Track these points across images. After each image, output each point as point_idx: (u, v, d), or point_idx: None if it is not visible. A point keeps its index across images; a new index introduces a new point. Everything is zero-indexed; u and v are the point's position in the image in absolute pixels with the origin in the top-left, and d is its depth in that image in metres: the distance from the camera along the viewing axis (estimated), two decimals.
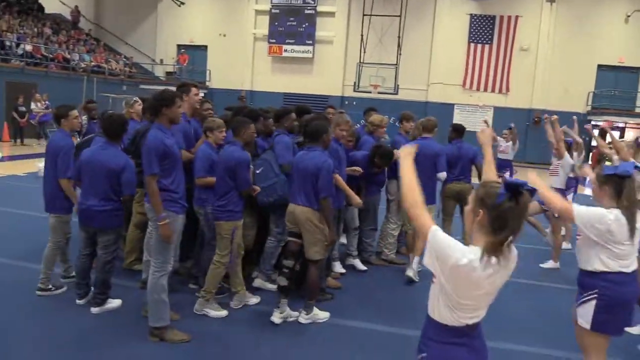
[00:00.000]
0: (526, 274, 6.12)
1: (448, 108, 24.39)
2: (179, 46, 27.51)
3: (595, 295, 3.01)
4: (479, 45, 24.22)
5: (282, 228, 5.00)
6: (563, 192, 6.79)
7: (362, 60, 23.36)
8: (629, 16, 22.77)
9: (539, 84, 23.84)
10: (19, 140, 17.25)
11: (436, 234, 2.01)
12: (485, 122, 6.40)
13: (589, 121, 23.29)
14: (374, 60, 23.42)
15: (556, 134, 6.94)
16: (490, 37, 24.09)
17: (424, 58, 24.39)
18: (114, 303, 4.59)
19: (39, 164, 11.27)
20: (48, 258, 4.79)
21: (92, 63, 22.97)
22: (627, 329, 3.48)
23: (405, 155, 2.27)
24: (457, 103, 24.60)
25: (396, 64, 22.97)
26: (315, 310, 4.57)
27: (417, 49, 24.13)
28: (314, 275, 4.49)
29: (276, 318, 4.49)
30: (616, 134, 23.70)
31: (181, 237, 4.44)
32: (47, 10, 26.18)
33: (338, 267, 5.88)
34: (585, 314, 3.04)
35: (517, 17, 23.69)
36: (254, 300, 4.89)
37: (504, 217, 1.96)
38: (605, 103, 23.31)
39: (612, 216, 2.96)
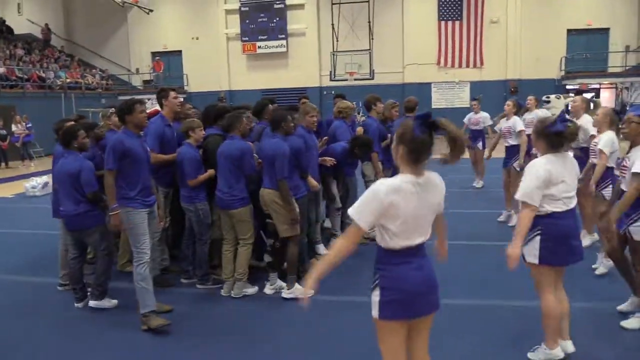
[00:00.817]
0: (486, 236, 6.75)
1: (425, 87, 24.68)
2: (153, 53, 27.55)
3: (539, 232, 3.36)
4: (449, 23, 24.47)
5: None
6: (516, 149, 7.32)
7: (335, 49, 23.59)
8: None
9: (512, 54, 24.16)
10: (3, 164, 17.32)
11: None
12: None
13: (564, 85, 23.81)
14: (348, 47, 23.66)
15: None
16: (459, 13, 24.34)
17: (396, 41, 24.62)
18: (111, 303, 4.83)
19: (27, 184, 11.46)
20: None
21: (68, 79, 23.00)
22: (622, 323, 4.05)
23: None
24: (433, 82, 24.89)
25: (370, 50, 23.22)
26: (297, 286, 4.85)
27: (389, 33, 24.36)
28: (290, 251, 4.88)
29: (268, 290, 5.01)
30: (591, 95, 24.21)
31: (161, 232, 4.84)
32: (16, 32, 26.08)
33: (322, 250, 6.15)
34: (532, 250, 3.38)
35: None
36: (251, 290, 5.11)
37: (422, 148, 2.38)
38: (578, 67, 23.68)
39: (544, 160, 3.33)
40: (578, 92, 24.15)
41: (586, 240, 5.83)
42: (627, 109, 20.83)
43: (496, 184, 8.81)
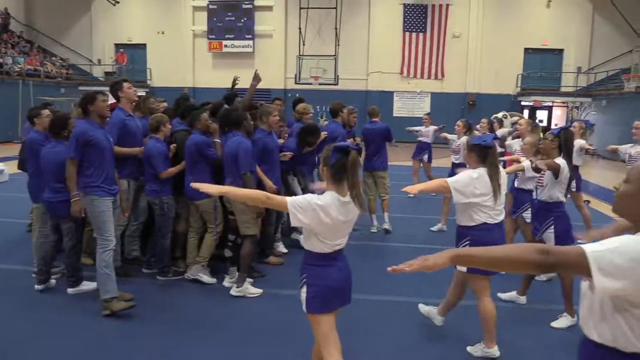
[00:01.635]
0: (419, 239, 7.26)
1: (387, 95, 25.27)
2: (117, 45, 27.15)
3: (468, 242, 3.69)
4: (414, 34, 25.14)
5: None
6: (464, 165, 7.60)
7: (301, 53, 23.84)
8: (550, 1, 24.19)
9: (472, 68, 25.01)
10: None
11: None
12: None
13: (520, 101, 24.76)
14: (314, 52, 23.95)
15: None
16: (423, 25, 25.04)
17: (361, 48, 25.11)
18: (90, 285, 4.94)
19: None
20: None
21: (27, 66, 22.44)
22: (552, 323, 4.42)
23: None
24: (395, 90, 25.49)
25: (335, 55, 23.58)
26: (247, 285, 5.02)
27: (355, 40, 24.83)
28: (246, 249, 4.99)
29: (227, 282, 5.18)
30: (544, 112, 25.28)
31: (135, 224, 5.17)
32: None
33: (281, 247, 6.38)
34: None
35: (447, 5, 24.72)
36: (207, 278, 5.28)
37: (339, 171, 2.76)
38: (533, 84, 24.71)
39: (476, 174, 3.65)
40: (532, 108, 25.27)
41: None
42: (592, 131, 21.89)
43: None
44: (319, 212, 2.70)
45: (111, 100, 5.28)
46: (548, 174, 4.44)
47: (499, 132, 8.48)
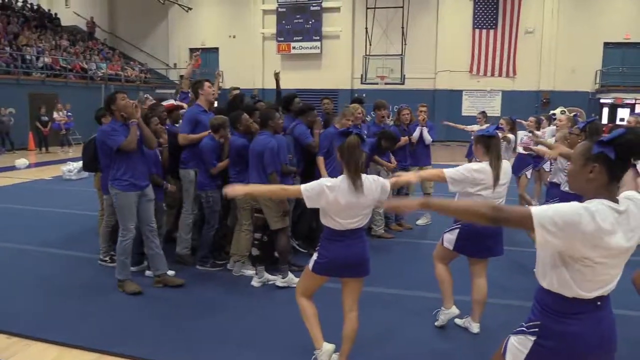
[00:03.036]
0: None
1: (456, 95, 24.77)
2: (191, 49, 28.33)
3: (459, 227, 3.97)
4: (484, 31, 24.47)
5: None
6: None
7: (368, 53, 23.84)
8: None
9: (546, 65, 24.00)
10: (43, 149, 18.22)
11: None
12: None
13: (598, 99, 23.51)
14: (380, 52, 23.89)
15: None
16: (494, 21, 24.32)
17: (429, 47, 24.75)
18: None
19: (64, 168, 12.14)
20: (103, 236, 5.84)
21: (109, 71, 23.93)
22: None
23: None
24: (465, 89, 24.92)
25: (402, 55, 23.39)
26: (290, 275, 5.16)
27: (422, 38, 24.50)
28: (282, 242, 5.15)
29: (255, 282, 5.25)
30: (626, 110, 23.88)
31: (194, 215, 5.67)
32: (63, 23, 27.25)
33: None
34: (450, 239, 4.03)
35: (520, 0, 23.88)
36: (249, 272, 5.49)
37: (342, 154, 3.20)
38: (613, 80, 23.35)
39: (476, 166, 3.79)
40: (612, 106, 23.89)
41: None
42: None
43: None
44: (328, 193, 3.11)
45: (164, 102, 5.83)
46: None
47: (547, 130, 8.27)
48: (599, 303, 2.00)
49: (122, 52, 28.54)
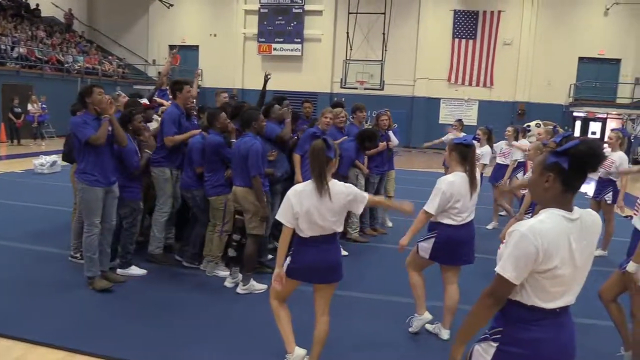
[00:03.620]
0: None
1: (434, 102, 25.06)
2: (171, 46, 28.03)
3: (435, 235, 4.03)
4: (463, 41, 24.83)
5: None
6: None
7: (349, 57, 23.98)
8: (608, 9, 23.36)
9: (522, 77, 24.46)
10: (15, 141, 17.83)
11: None
12: None
13: (571, 112, 24.06)
14: (361, 57, 24.07)
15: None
16: (474, 32, 24.69)
17: (409, 54, 24.99)
18: (140, 271, 5.39)
19: (36, 161, 11.91)
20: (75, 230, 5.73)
21: (86, 65, 23.56)
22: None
23: None
24: (442, 97, 25.23)
25: (382, 60, 23.60)
26: (252, 282, 5.09)
27: (403, 45, 24.73)
28: (250, 249, 5.03)
29: (228, 283, 5.24)
30: (598, 124, 24.44)
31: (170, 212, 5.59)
32: (41, 14, 26.72)
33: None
34: (426, 248, 4.08)
35: (499, 12, 24.29)
36: (223, 273, 5.46)
37: (309, 157, 3.24)
38: (586, 94, 23.91)
39: (445, 185, 3.87)
40: (585, 120, 24.46)
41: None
42: (632, 140, 21.09)
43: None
44: (291, 199, 3.20)
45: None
46: None
47: (522, 142, 8.46)
48: (558, 311, 2.07)
49: (100, 45, 28.10)
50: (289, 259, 3.35)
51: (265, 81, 7.55)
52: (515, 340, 2.07)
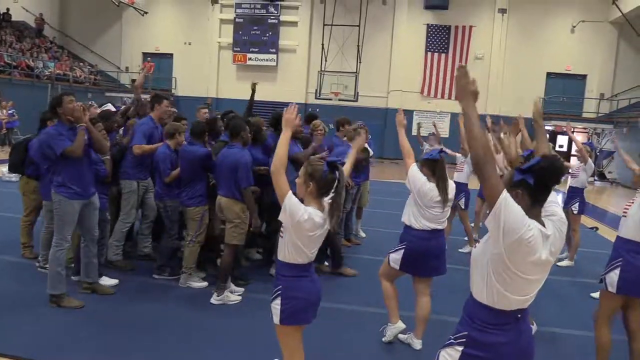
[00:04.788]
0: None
1: (407, 114, 24.88)
2: (145, 54, 27.83)
3: (404, 247, 4.13)
4: (436, 54, 25.29)
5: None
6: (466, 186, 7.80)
7: (323, 69, 24.19)
8: (574, 26, 24.14)
9: (493, 90, 24.99)
10: None
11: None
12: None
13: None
14: (335, 68, 24.30)
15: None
16: (446, 46, 25.18)
17: (383, 66, 25.32)
18: (109, 281, 5.27)
19: (3, 169, 11.63)
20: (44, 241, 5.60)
21: (57, 71, 23.16)
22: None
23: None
24: (415, 109, 25.56)
25: (356, 72, 23.87)
26: (227, 293, 5.07)
27: (377, 58, 25.06)
28: (227, 258, 5.02)
29: (214, 300, 5.05)
30: (565, 137, 25.07)
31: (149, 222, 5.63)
32: (11, 18, 26.20)
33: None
34: (396, 259, 4.18)
35: (471, 27, 24.86)
36: (197, 284, 5.42)
37: (328, 185, 2.84)
38: (554, 109, 24.57)
39: (429, 185, 4.00)
40: (553, 133, 25.08)
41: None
42: (597, 154, 21.75)
43: None
44: (304, 224, 2.74)
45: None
46: None
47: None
48: (519, 316, 2.19)
49: (71, 51, 27.70)
50: (278, 303, 2.84)
51: (253, 91, 7.43)
52: (479, 344, 2.17)
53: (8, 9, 26.32)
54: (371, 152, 7.79)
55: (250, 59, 26.36)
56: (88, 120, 4.67)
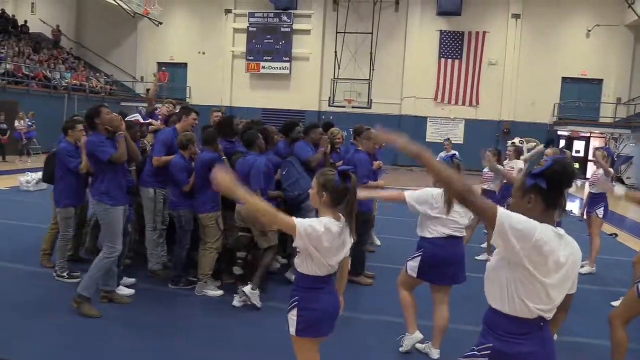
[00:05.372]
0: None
1: (421, 121, 25.31)
2: (160, 64, 28.13)
3: (421, 254, 4.07)
4: (450, 61, 25.21)
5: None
6: (495, 194, 7.60)
7: (337, 76, 24.24)
8: (590, 31, 23.93)
9: (508, 96, 24.85)
10: (0, 157, 17.64)
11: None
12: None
13: (556, 131, 24.40)
14: (349, 76, 24.34)
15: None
16: (460, 52, 25.09)
17: (396, 73, 25.30)
18: (126, 291, 5.29)
19: (22, 179, 11.79)
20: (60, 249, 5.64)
21: (74, 81, 23.48)
22: None
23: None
24: (429, 116, 25.50)
25: (370, 80, 23.87)
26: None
27: (390, 65, 25.05)
28: (267, 260, 5.17)
29: (237, 302, 5.15)
30: (582, 143, 24.78)
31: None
32: (29, 31, 26.68)
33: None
34: (413, 267, 4.12)
35: (484, 33, 24.75)
36: (212, 293, 5.41)
37: (341, 195, 2.76)
38: (570, 114, 24.33)
39: (435, 192, 3.94)
40: (569, 139, 24.84)
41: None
42: (615, 159, 21.44)
43: None
44: (322, 237, 2.67)
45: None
46: None
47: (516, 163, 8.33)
48: (542, 324, 2.16)
49: (87, 62, 28.09)
50: (295, 315, 2.79)
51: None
52: (505, 356, 2.15)
53: (26, 21, 26.84)
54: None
55: (263, 67, 26.50)
56: (125, 130, 4.82)
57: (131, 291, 5.31)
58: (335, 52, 24.34)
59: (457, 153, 6.38)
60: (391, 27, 24.98)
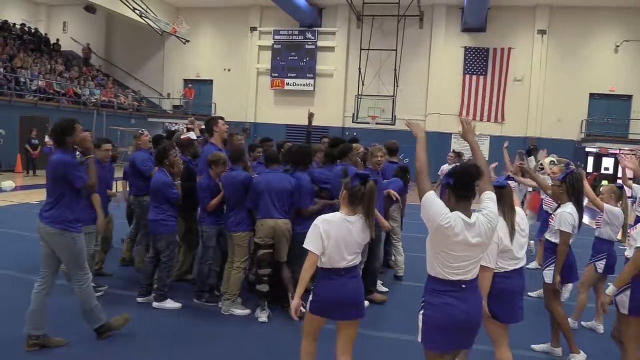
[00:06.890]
0: None
1: (446, 137, 25.12)
2: (186, 81, 28.61)
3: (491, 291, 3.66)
4: (474, 77, 25.07)
5: None
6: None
7: (360, 93, 24.28)
8: (618, 46, 23.57)
9: (534, 113, 24.55)
10: (31, 172, 18.07)
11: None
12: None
13: (584, 148, 23.93)
14: (373, 92, 24.36)
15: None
16: (484, 69, 24.95)
17: (421, 90, 25.24)
18: (174, 305, 5.41)
19: None
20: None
21: (103, 98, 24.02)
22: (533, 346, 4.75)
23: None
24: (454, 132, 25.29)
25: (394, 96, 23.85)
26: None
27: (414, 81, 25.03)
28: (288, 275, 5.29)
29: (264, 317, 5.20)
30: (611, 160, 24.26)
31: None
32: (61, 49, 27.46)
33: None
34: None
35: (510, 49, 24.58)
36: (240, 312, 5.40)
37: (356, 196, 3.28)
38: (598, 130, 23.90)
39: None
40: (597, 155, 24.36)
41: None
42: None
43: None
44: (320, 227, 3.23)
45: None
46: None
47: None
48: (463, 286, 2.84)
49: (116, 79, 28.74)
50: (311, 295, 3.34)
51: (310, 120, 7.53)
52: (432, 306, 2.86)
53: (58, 40, 27.64)
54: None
55: (288, 84, 26.73)
56: (180, 148, 4.99)
57: (178, 305, 5.41)
58: (359, 68, 24.42)
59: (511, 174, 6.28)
60: (415, 44, 24.99)
